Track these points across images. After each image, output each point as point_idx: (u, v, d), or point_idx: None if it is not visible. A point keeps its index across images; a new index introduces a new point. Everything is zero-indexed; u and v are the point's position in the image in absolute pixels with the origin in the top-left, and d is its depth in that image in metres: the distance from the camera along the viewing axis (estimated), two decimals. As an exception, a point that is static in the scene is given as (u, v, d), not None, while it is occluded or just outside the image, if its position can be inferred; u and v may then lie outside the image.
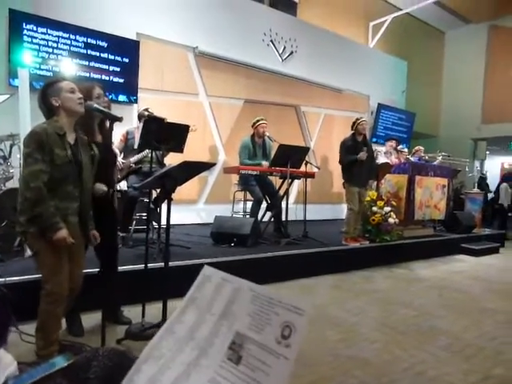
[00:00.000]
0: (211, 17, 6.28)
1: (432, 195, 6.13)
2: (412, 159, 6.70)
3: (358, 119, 4.93)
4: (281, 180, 4.98)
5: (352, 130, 4.93)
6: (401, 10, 9.25)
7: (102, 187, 2.24)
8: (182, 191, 5.03)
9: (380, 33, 9.27)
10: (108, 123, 2.07)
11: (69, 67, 4.91)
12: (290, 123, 7.50)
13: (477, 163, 10.53)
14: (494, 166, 12.84)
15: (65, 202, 1.98)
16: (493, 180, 12.41)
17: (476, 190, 7.79)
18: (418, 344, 2.69)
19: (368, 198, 5.12)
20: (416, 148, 7.25)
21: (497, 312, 3.47)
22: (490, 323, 3.18)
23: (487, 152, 10.68)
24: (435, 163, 6.87)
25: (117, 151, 2.59)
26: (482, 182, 9.32)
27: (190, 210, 6.10)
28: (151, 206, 3.06)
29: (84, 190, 2.08)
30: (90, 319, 2.62)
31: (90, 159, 2.12)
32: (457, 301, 3.76)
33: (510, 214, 8.65)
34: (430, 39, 11.11)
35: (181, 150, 3.66)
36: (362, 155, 4.77)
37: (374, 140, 8.69)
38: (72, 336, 2.40)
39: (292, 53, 7.32)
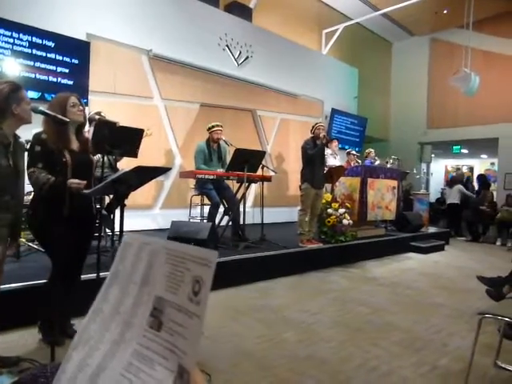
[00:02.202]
0: (166, 19, 6.20)
1: (383, 196, 6.36)
2: (364, 162, 6.98)
3: (316, 123, 5.06)
4: (238, 184, 4.99)
5: (311, 133, 5.04)
6: (352, 19, 9.63)
7: (75, 181, 2.18)
8: (137, 196, 5.10)
9: (332, 40, 9.60)
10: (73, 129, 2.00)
11: (11, 67, 4.64)
12: (246, 127, 7.54)
13: (423, 165, 11.13)
14: (438, 169, 13.80)
15: (0, 212, 1.93)
16: (437, 181, 13.29)
17: (423, 190, 8.20)
18: (372, 340, 2.79)
19: (323, 201, 5.19)
20: (367, 151, 7.53)
21: (443, 305, 3.68)
22: (437, 317, 3.35)
23: (432, 155, 11.34)
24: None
25: (95, 158, 2.50)
26: (468, 185, 9.56)
27: (146, 215, 5.98)
28: (103, 212, 2.96)
29: (19, 201, 2.03)
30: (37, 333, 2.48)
31: (23, 165, 2.08)
32: (408, 297, 3.93)
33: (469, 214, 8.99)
34: (379, 49, 11.67)
35: (135, 155, 3.57)
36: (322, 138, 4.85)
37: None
38: (46, 344, 2.29)
39: (248, 58, 7.38)
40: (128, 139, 3.39)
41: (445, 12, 9.65)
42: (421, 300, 3.85)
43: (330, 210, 5.23)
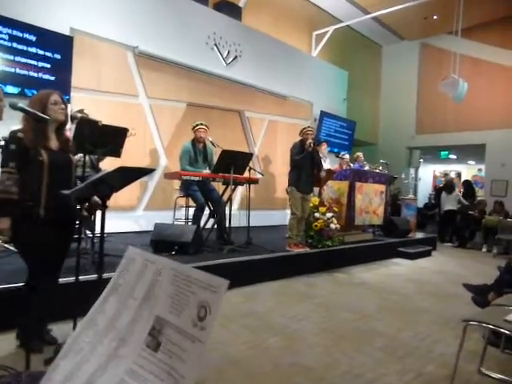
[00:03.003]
0: (153, 16, 6.16)
1: (371, 201, 6.41)
2: (352, 166, 6.97)
3: (304, 128, 5.06)
4: (224, 186, 4.98)
5: (300, 136, 5.06)
6: (342, 22, 9.74)
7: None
8: (120, 197, 5.07)
9: (323, 42, 9.68)
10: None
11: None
12: (233, 128, 7.53)
13: (411, 170, 11.30)
14: (426, 174, 14.01)
15: None
16: (425, 186, 13.48)
17: (411, 196, 8.33)
18: (357, 347, 2.81)
19: (311, 204, 5.21)
20: (356, 154, 7.58)
21: (429, 312, 3.73)
22: (422, 323, 3.40)
23: (421, 160, 11.69)
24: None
25: (75, 158, 2.46)
26: (469, 190, 9.51)
27: (129, 217, 5.92)
28: (84, 213, 2.91)
29: None
30: (14, 339, 2.43)
31: None
32: (394, 303, 3.97)
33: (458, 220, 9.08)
34: (369, 52, 11.83)
35: (118, 155, 3.52)
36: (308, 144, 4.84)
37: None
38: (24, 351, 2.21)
39: (236, 57, 7.39)
40: (111, 138, 3.34)
41: (434, 18, 9.83)
42: (407, 306, 3.89)
43: (317, 214, 5.24)
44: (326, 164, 6.48)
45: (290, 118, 8.53)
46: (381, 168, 7.32)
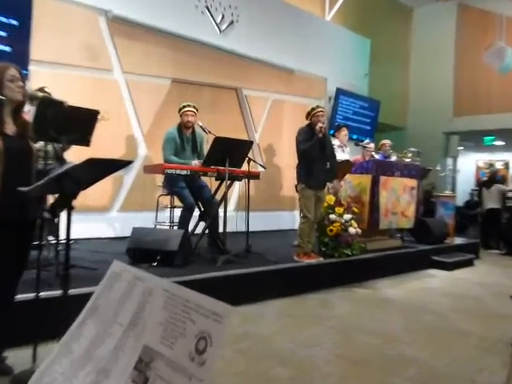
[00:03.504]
0: (129, -28, 6.10)
1: (399, 199, 6.33)
2: (376, 156, 6.93)
3: (313, 109, 5.00)
4: (217, 182, 4.96)
5: (307, 119, 5.01)
6: (363, -23, 9.67)
7: None
8: (90, 196, 4.99)
9: (338, 3, 9.59)
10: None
11: None
12: (229, 110, 7.45)
13: (449, 161, 11.17)
14: (467, 165, 13.72)
15: None
16: (466, 180, 13.14)
17: (448, 192, 8.26)
18: (381, 376, 2.80)
19: (325, 204, 5.15)
20: (382, 142, 7.48)
21: (470, 334, 3.71)
22: (462, 347, 3.38)
23: (460, 148, 11.42)
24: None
25: (35, 146, 2.46)
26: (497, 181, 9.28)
27: (100, 219, 5.91)
28: (46, 215, 2.91)
29: None
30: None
31: None
32: (426, 323, 3.96)
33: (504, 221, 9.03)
34: (397, 15, 11.72)
35: (86, 143, 3.52)
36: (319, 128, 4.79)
37: (332, 132, 8.19)
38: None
39: (232, 23, 7.33)
40: (78, 123, 3.33)
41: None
42: (442, 326, 3.89)
43: (332, 216, 5.19)
44: (345, 154, 6.52)
45: (298, 97, 8.44)
46: (410, 158, 7.23)
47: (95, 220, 5.77)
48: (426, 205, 8.50)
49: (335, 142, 6.15)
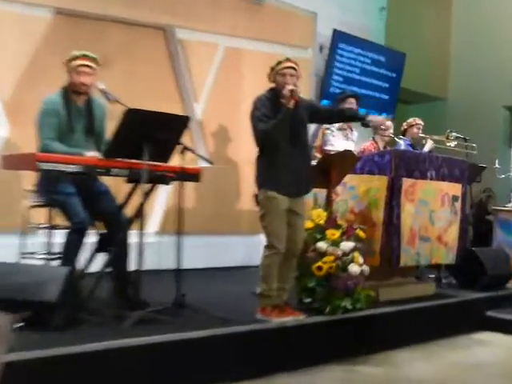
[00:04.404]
0: None
1: (433, 216, 5.18)
2: (400, 143, 5.76)
3: (279, 63, 4.22)
4: (129, 185, 4.19)
5: (270, 81, 4.26)
6: None
7: None
8: None
9: None
10: None
11: None
12: (152, 64, 6.00)
13: None
14: None
15: None
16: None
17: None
18: None
19: (310, 224, 4.39)
20: (410, 121, 6.16)
21: None
22: None
23: None
24: (425, 149, 5.89)
25: None
26: None
27: None
28: None
29: None
30: None
31: None
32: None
33: None
34: None
35: None
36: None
37: (326, 102, 7.10)
38: None
39: None
40: None
41: None
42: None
43: (321, 245, 4.33)
44: (350, 142, 5.70)
45: (269, 45, 6.79)
46: (455, 147, 5.94)
47: None
48: (479, 226, 7.50)
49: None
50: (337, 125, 5.58)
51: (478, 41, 9.48)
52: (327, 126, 5.48)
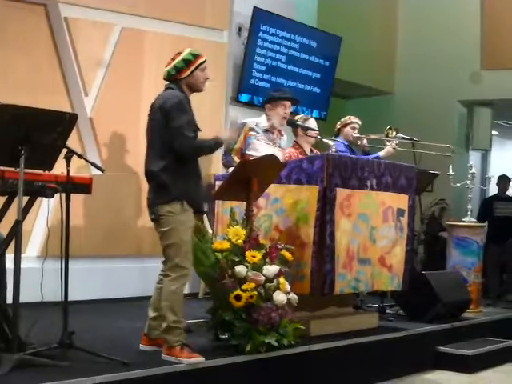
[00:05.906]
0: None
1: (373, 234, 4.99)
2: (333, 147, 5.28)
3: (195, 54, 3.89)
4: (2, 199, 4.02)
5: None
6: None
7: None
8: None
9: None
10: None
11: None
12: (30, 48, 5.54)
13: (473, 157, 8.78)
14: (508, 164, 11.20)
15: None
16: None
17: (470, 219, 6.21)
18: None
19: (225, 244, 4.24)
20: (344, 119, 5.80)
21: None
22: None
23: (495, 133, 9.42)
24: (380, 154, 5.60)
25: None
26: None
27: None
28: None
29: None
30: None
31: None
32: None
33: None
34: None
35: None
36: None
37: (244, 99, 6.71)
38: None
39: None
40: None
41: None
42: None
43: (240, 269, 4.19)
44: (276, 148, 5.35)
45: (175, 26, 6.34)
46: (393, 144, 5.56)
47: None
48: (431, 244, 7.24)
49: (258, 119, 5.23)
50: (263, 125, 5.23)
51: (428, 28, 8.95)
52: (252, 125, 5.15)
